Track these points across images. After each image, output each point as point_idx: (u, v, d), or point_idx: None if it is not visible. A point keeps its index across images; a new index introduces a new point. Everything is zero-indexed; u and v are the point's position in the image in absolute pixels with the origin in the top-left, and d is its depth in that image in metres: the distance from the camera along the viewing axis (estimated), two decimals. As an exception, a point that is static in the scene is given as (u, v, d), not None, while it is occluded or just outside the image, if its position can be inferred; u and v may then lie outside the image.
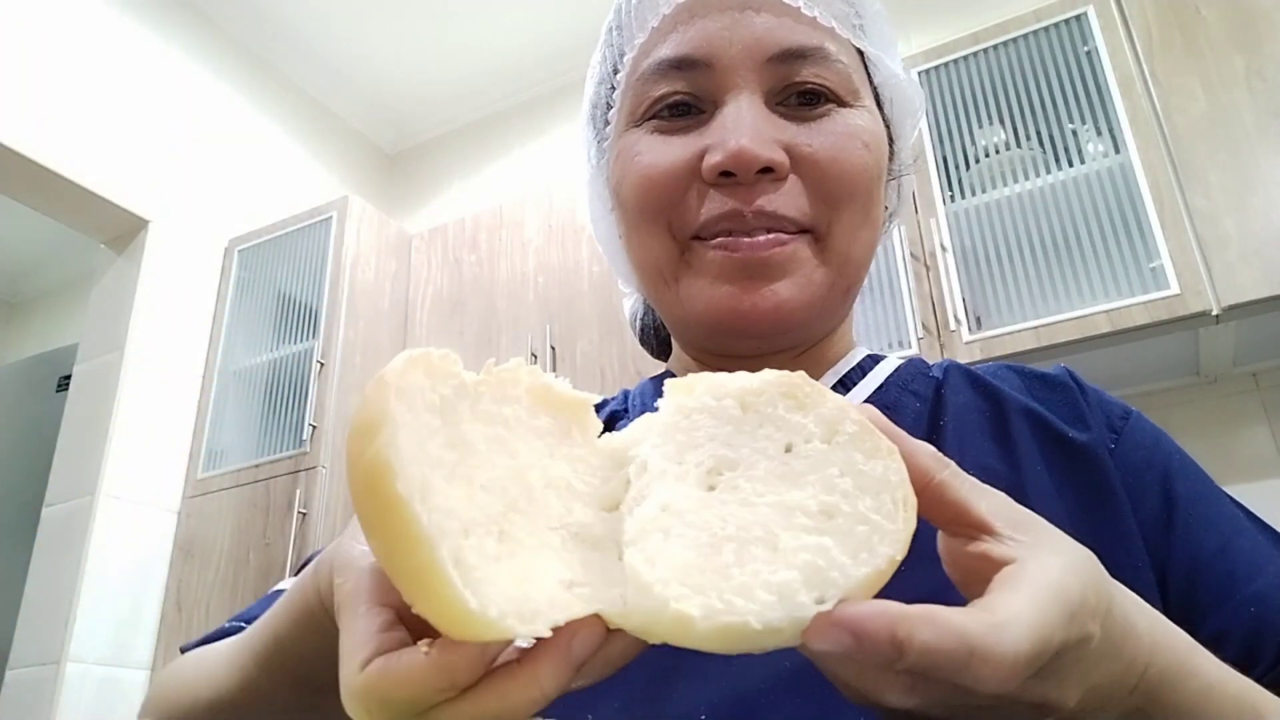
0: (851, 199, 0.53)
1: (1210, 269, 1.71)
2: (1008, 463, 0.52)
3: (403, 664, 0.26)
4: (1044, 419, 0.54)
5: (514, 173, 3.15)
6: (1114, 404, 0.56)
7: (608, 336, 2.29)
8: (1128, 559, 0.49)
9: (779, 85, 0.53)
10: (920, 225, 1.98)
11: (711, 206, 0.52)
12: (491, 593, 0.25)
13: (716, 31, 0.53)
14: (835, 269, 0.53)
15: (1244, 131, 1.78)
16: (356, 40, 3.04)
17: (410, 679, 0.26)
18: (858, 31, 0.57)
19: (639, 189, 0.55)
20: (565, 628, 0.27)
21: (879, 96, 0.59)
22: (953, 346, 1.85)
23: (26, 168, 2.25)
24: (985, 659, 0.26)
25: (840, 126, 0.53)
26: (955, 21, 2.44)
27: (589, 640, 0.27)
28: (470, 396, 0.30)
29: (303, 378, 2.43)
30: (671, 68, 0.54)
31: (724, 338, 0.55)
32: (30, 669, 2.14)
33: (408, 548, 0.25)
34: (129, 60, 2.56)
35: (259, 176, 2.90)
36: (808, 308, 0.53)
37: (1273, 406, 1.95)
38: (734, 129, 0.51)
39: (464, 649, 0.26)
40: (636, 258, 0.58)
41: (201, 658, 0.49)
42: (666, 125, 0.55)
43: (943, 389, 0.57)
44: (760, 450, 0.32)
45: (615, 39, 0.59)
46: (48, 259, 3.84)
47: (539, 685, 0.26)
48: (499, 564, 0.27)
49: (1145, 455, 0.53)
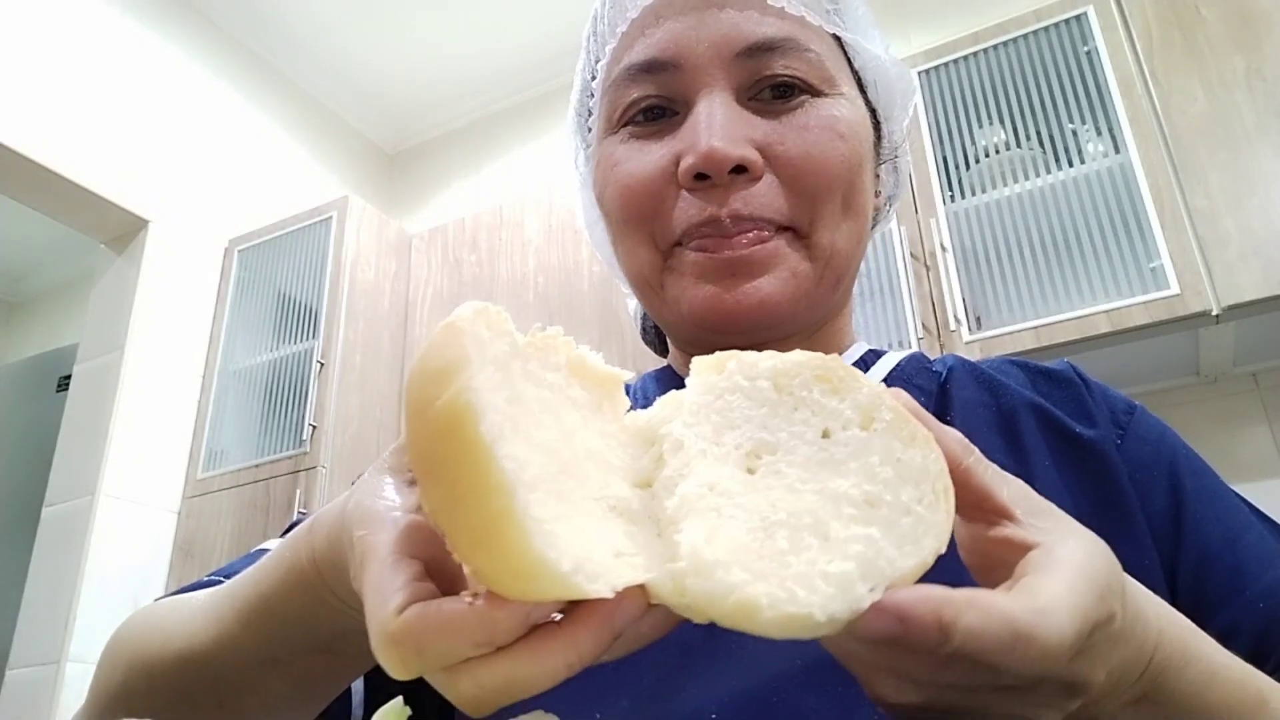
0: (830, 193, 0.52)
1: (1210, 269, 1.71)
2: (1015, 458, 0.52)
3: (444, 611, 0.26)
4: (1050, 414, 0.54)
5: (514, 173, 3.15)
6: (1118, 399, 0.56)
7: (608, 336, 2.29)
8: (1136, 555, 0.48)
9: (750, 80, 0.53)
10: (920, 225, 1.98)
11: (689, 213, 0.52)
12: (564, 546, 0.25)
13: (683, 31, 0.53)
14: (822, 262, 0.53)
15: (1244, 131, 1.78)
16: (356, 40, 3.04)
17: (450, 627, 0.25)
18: (832, 17, 0.56)
19: (620, 200, 0.55)
20: (611, 598, 0.26)
21: (862, 81, 0.58)
22: (953, 346, 1.85)
23: (26, 168, 2.24)
24: (1031, 642, 0.26)
25: (814, 119, 0.53)
26: (955, 21, 2.44)
27: (632, 610, 0.27)
28: (521, 357, 0.30)
29: (303, 378, 2.43)
30: (641, 71, 0.54)
31: (712, 336, 0.55)
32: (30, 669, 2.14)
33: (482, 495, 0.24)
34: (129, 60, 2.55)
35: (259, 176, 2.90)
36: (794, 301, 0.52)
37: (1273, 406, 1.95)
38: (705, 130, 0.50)
39: (509, 606, 0.25)
40: (624, 265, 0.58)
41: (175, 605, 0.47)
42: (641, 130, 0.55)
43: (947, 384, 0.57)
44: (798, 435, 0.31)
45: (592, 46, 0.60)
46: (48, 259, 3.84)
47: (576, 650, 0.26)
48: (561, 524, 0.26)
49: (1152, 450, 0.53)
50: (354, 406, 2.42)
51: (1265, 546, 0.50)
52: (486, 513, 0.24)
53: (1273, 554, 0.49)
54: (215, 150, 2.77)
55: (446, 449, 0.25)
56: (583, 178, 0.64)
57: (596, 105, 0.59)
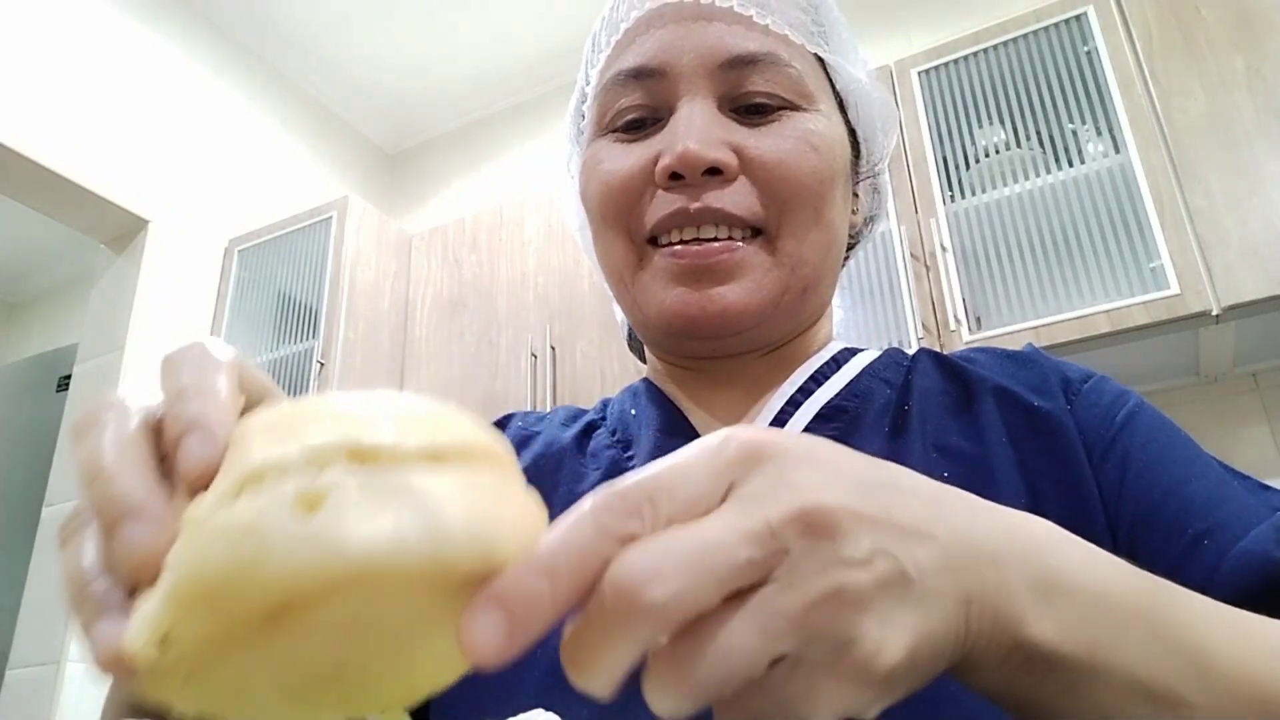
0: (799, 201, 0.54)
1: (1210, 269, 1.71)
2: (971, 439, 0.53)
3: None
4: (1011, 393, 0.55)
5: (514, 173, 3.15)
6: (1074, 369, 0.56)
7: (608, 337, 2.29)
8: (1089, 528, 0.47)
9: (732, 91, 0.55)
10: (920, 225, 1.98)
11: (661, 206, 0.54)
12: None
13: (671, 41, 0.56)
14: (788, 270, 0.54)
15: (1244, 131, 1.78)
16: (357, 40, 3.04)
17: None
18: (816, 39, 0.58)
19: (600, 196, 0.57)
20: None
21: (844, 102, 0.60)
22: (952, 346, 1.85)
23: (26, 168, 2.24)
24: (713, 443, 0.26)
25: (790, 130, 0.55)
26: (955, 21, 2.44)
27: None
28: None
29: (303, 378, 2.43)
30: (630, 77, 0.57)
31: (677, 340, 0.57)
32: (30, 669, 2.14)
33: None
34: (129, 60, 2.56)
35: (259, 176, 2.90)
36: (759, 311, 0.54)
37: (1273, 406, 1.95)
38: (683, 133, 0.53)
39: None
40: (602, 262, 0.60)
41: None
42: (625, 135, 0.57)
43: (911, 374, 0.58)
44: None
45: (589, 54, 0.63)
46: (48, 259, 3.84)
47: None
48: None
49: (1102, 413, 0.52)
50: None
51: (1222, 490, 0.47)
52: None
53: (1229, 497, 0.46)
54: (215, 150, 2.77)
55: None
56: (573, 180, 0.66)
57: (589, 109, 0.61)
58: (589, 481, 0.57)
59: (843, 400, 0.56)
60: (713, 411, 0.58)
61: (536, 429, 0.63)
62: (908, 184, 2.02)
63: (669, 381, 0.62)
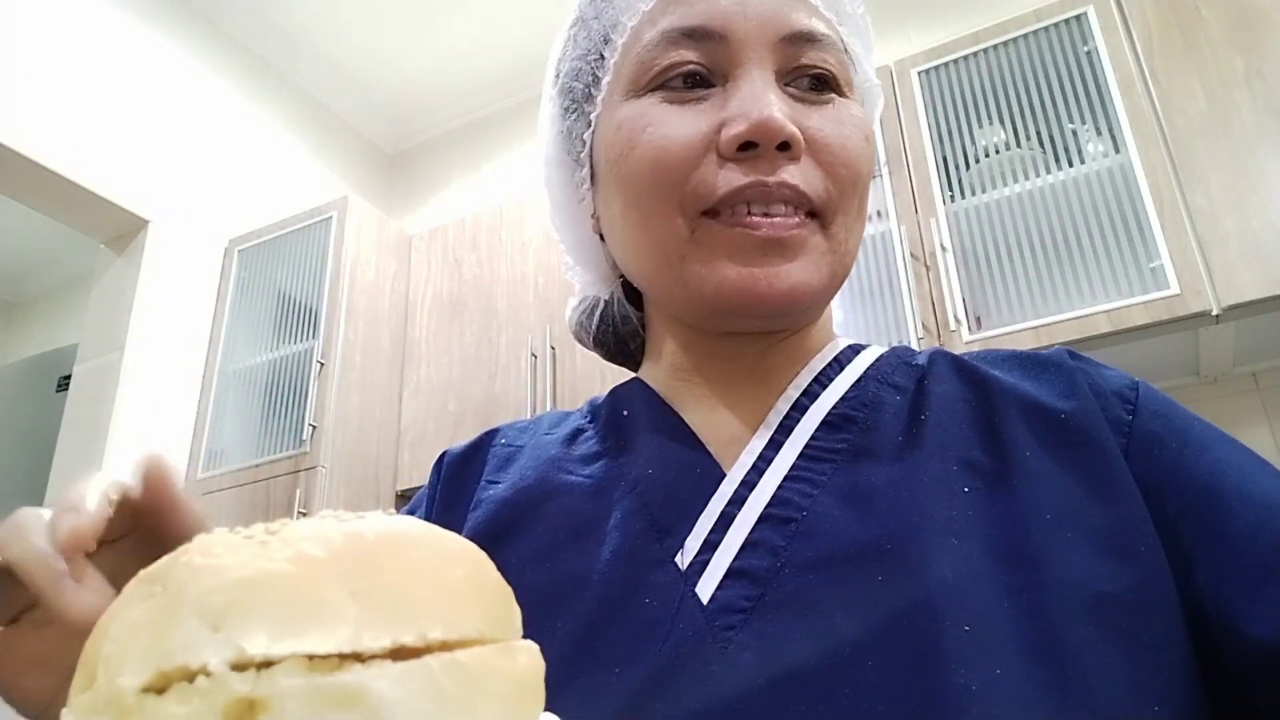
0: (854, 186, 0.53)
1: (1210, 269, 1.71)
2: (992, 454, 0.49)
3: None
4: (1035, 401, 0.52)
5: (514, 173, 3.15)
6: (1116, 375, 0.54)
7: (608, 336, 2.29)
8: (1129, 536, 0.45)
9: (788, 66, 0.52)
10: (920, 225, 1.98)
11: (731, 178, 0.50)
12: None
13: (729, 4, 0.52)
14: (837, 257, 0.53)
15: (1244, 131, 1.78)
16: (356, 40, 3.04)
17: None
18: (854, 32, 0.57)
19: (651, 163, 0.52)
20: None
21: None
22: (952, 347, 1.85)
23: (26, 168, 2.24)
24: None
25: (844, 115, 0.53)
26: (955, 21, 2.44)
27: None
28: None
29: (303, 378, 2.43)
30: (684, 35, 0.52)
31: (732, 318, 0.53)
32: (30, 669, 2.14)
33: None
34: (129, 60, 2.56)
35: (259, 176, 2.90)
36: (819, 293, 0.52)
37: (1273, 406, 1.95)
38: (755, 101, 0.49)
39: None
40: (635, 239, 0.55)
41: None
42: (676, 96, 0.52)
43: (926, 379, 0.55)
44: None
45: (604, 9, 0.57)
46: (48, 259, 3.84)
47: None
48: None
49: (1164, 422, 0.50)
50: (354, 406, 2.42)
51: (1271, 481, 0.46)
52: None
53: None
54: (215, 150, 2.77)
55: None
56: (562, 151, 0.60)
57: (612, 68, 0.56)
58: (581, 489, 0.54)
59: (851, 409, 0.53)
60: (714, 413, 0.55)
61: (520, 442, 0.60)
62: (908, 184, 2.02)
63: (672, 380, 0.58)
